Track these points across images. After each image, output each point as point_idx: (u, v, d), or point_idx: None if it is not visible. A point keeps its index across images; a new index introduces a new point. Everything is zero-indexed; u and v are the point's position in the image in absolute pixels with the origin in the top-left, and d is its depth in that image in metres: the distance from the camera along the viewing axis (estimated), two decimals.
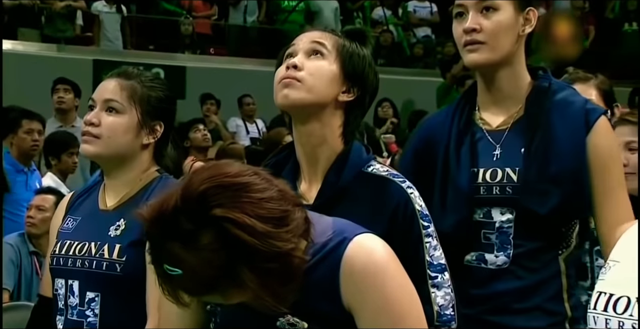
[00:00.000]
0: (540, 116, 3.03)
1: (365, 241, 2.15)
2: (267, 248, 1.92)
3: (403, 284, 2.16)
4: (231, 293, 2.00)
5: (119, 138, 2.95)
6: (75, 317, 2.90)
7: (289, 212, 2.01)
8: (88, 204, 3.08)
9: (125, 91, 2.97)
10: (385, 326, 2.11)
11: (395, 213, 2.55)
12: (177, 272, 1.93)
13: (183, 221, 1.92)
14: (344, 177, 2.61)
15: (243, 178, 1.99)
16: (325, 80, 2.60)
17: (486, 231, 3.02)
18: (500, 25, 2.98)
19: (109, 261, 2.87)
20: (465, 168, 3.04)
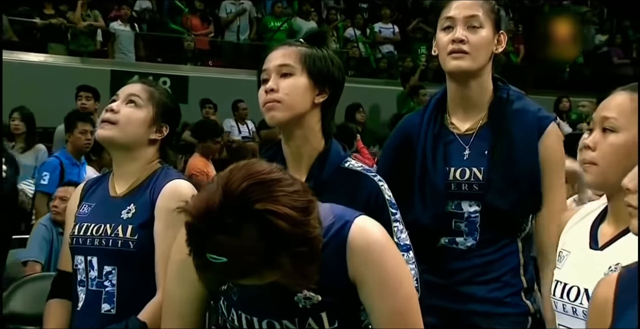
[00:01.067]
0: (501, 123, 2.97)
1: (365, 223, 2.10)
2: (301, 234, 1.86)
3: (397, 258, 2.12)
4: (267, 275, 1.91)
5: (132, 127, 2.87)
6: (94, 287, 2.80)
7: (312, 201, 1.94)
8: (100, 192, 2.96)
9: (146, 92, 2.92)
10: (386, 294, 2.05)
11: (368, 202, 2.51)
12: (221, 260, 1.84)
13: (227, 216, 1.83)
14: (325, 172, 2.54)
15: (275, 175, 1.91)
16: (300, 94, 2.52)
17: (457, 220, 2.97)
18: (482, 40, 2.93)
19: (123, 239, 2.78)
20: (440, 168, 2.97)
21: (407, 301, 2.07)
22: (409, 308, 2.07)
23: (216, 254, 1.84)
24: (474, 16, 2.92)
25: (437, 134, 3.00)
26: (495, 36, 2.98)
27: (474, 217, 2.95)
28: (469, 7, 2.94)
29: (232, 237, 1.82)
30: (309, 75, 2.52)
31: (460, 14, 2.92)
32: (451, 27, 2.93)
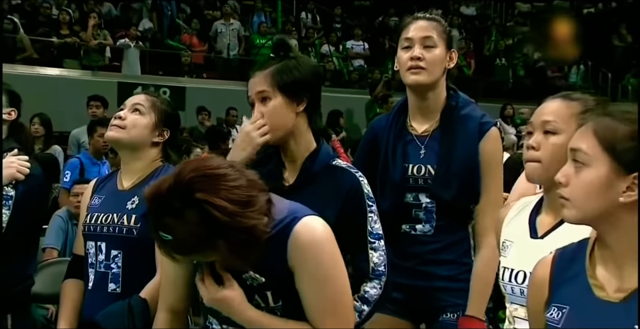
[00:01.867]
0: (448, 127, 2.99)
1: (310, 222, 2.03)
2: (235, 224, 1.85)
3: (334, 256, 2.04)
4: (209, 254, 1.93)
5: (136, 130, 2.86)
6: (102, 269, 2.79)
7: (255, 196, 1.92)
8: (109, 186, 2.94)
9: (149, 102, 2.91)
10: (317, 287, 2.01)
11: (348, 194, 2.47)
12: (169, 238, 1.87)
13: (173, 200, 1.85)
14: (315, 168, 2.51)
15: (221, 170, 1.91)
16: (280, 115, 2.46)
17: (416, 210, 2.98)
18: (436, 58, 2.94)
19: (127, 227, 2.77)
20: (399, 164, 2.98)
21: (336, 296, 2.02)
22: (337, 303, 2.03)
23: (164, 233, 1.86)
24: (428, 37, 2.95)
25: (399, 134, 3.02)
26: (448, 54, 3.00)
27: (430, 207, 2.96)
28: (424, 29, 2.96)
29: (177, 220, 1.84)
30: (282, 93, 2.45)
31: (417, 35, 2.95)
32: (409, 47, 2.96)
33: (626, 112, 1.70)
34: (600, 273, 1.72)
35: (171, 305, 2.20)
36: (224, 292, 1.98)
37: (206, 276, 2.00)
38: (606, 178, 1.66)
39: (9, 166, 2.96)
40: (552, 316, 1.73)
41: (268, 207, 1.97)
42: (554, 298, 1.76)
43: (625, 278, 1.67)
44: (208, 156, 2.09)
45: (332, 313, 2.01)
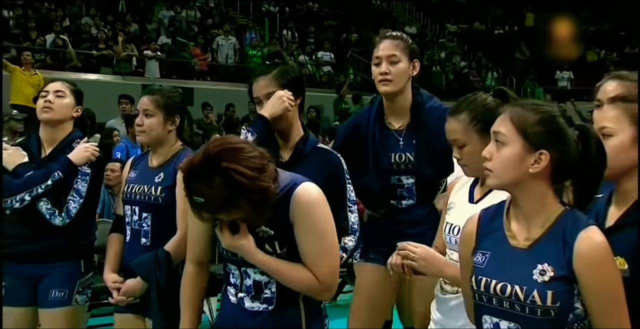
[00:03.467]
0: (420, 120, 2.91)
1: (307, 186, 1.97)
2: (254, 185, 1.81)
3: (326, 214, 1.99)
4: (232, 213, 1.87)
5: (154, 130, 2.79)
6: (136, 227, 2.75)
7: (266, 164, 1.87)
8: (143, 164, 2.87)
9: (152, 102, 2.79)
10: (309, 236, 1.95)
11: (333, 170, 2.44)
12: (201, 200, 1.82)
13: (204, 170, 1.80)
14: (306, 148, 2.47)
15: (239, 144, 1.87)
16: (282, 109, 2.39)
17: (400, 189, 2.94)
18: (400, 71, 2.86)
19: (154, 196, 2.73)
20: (386, 153, 2.92)
21: (325, 244, 1.97)
22: (326, 249, 1.97)
23: (197, 197, 1.82)
24: (393, 55, 2.87)
25: (380, 130, 2.96)
26: (411, 64, 2.90)
27: (410, 186, 2.93)
28: (390, 48, 2.89)
29: (207, 185, 1.80)
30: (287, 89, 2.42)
31: (384, 54, 2.88)
32: (379, 64, 2.89)
33: (533, 104, 1.72)
34: (514, 227, 1.72)
35: (197, 257, 2.13)
36: (242, 240, 1.94)
37: (224, 227, 1.96)
38: (519, 154, 1.66)
39: (85, 150, 2.93)
40: (478, 260, 1.73)
41: (275, 175, 1.92)
42: (479, 246, 1.76)
43: (531, 230, 1.69)
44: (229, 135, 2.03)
45: (322, 257, 1.96)
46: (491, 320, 1.68)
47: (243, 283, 2.02)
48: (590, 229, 1.62)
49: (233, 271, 2.04)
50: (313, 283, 1.95)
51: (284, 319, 1.99)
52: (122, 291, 2.72)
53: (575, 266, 1.59)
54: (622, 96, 1.83)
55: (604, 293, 1.59)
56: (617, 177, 1.79)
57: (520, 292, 1.61)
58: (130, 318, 2.76)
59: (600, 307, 1.59)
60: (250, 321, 1.99)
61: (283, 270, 1.95)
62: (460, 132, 2.12)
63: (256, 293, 2.00)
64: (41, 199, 2.85)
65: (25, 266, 2.91)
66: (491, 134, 1.72)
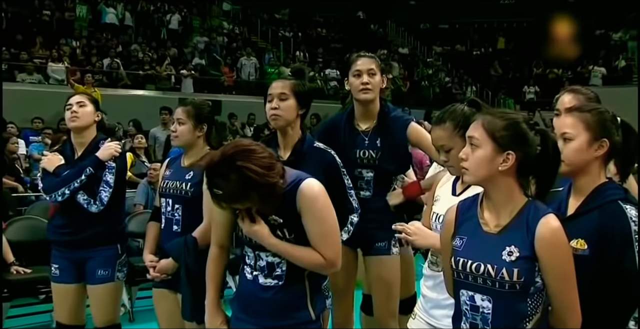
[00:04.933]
0: (385, 125, 2.87)
1: (311, 182, 1.95)
2: (263, 181, 1.82)
3: (326, 205, 1.97)
4: (245, 203, 1.88)
5: (184, 136, 2.76)
6: (169, 216, 2.72)
7: (274, 163, 1.88)
8: (176, 164, 2.82)
9: (184, 112, 2.76)
10: (314, 223, 1.94)
11: (329, 166, 2.45)
12: (219, 193, 1.83)
13: (221, 167, 1.81)
14: (304, 148, 2.46)
15: (252, 146, 1.86)
16: (290, 111, 2.43)
17: (360, 181, 2.87)
18: (377, 82, 2.82)
19: (185, 190, 2.69)
20: (352, 149, 2.86)
21: (328, 229, 1.97)
22: (329, 233, 1.97)
23: (216, 189, 1.83)
24: (372, 68, 2.84)
25: (350, 130, 2.90)
26: (382, 78, 2.88)
27: (369, 179, 2.88)
28: (368, 63, 2.85)
29: (223, 180, 1.82)
30: (297, 99, 2.44)
31: (364, 67, 2.84)
32: (359, 75, 2.83)
33: (501, 112, 1.71)
34: (486, 215, 1.72)
35: (220, 241, 2.14)
36: (256, 226, 1.94)
37: (244, 216, 1.96)
38: (490, 155, 1.65)
39: (109, 148, 2.98)
40: (457, 244, 1.73)
41: (283, 172, 1.92)
42: (458, 232, 1.75)
43: (500, 218, 1.68)
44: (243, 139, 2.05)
45: (325, 239, 1.95)
46: (467, 294, 1.68)
47: (257, 264, 2.02)
48: (549, 216, 1.62)
49: (249, 254, 2.05)
50: (320, 261, 1.95)
51: (292, 292, 1.99)
52: (157, 269, 2.72)
53: (536, 247, 1.60)
54: (576, 107, 1.87)
55: (558, 269, 1.60)
56: (575, 174, 1.81)
57: (492, 270, 1.62)
58: (165, 293, 2.77)
59: (555, 280, 1.61)
60: (264, 293, 1.99)
61: (293, 251, 1.95)
62: (446, 139, 2.10)
63: (269, 272, 2.00)
64: (78, 192, 2.92)
65: (74, 251, 3.02)
66: (466, 138, 1.71)
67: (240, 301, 2.07)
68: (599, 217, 1.72)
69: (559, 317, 1.64)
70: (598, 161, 1.79)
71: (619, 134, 1.80)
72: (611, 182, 1.80)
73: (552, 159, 1.67)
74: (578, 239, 1.67)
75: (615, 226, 1.69)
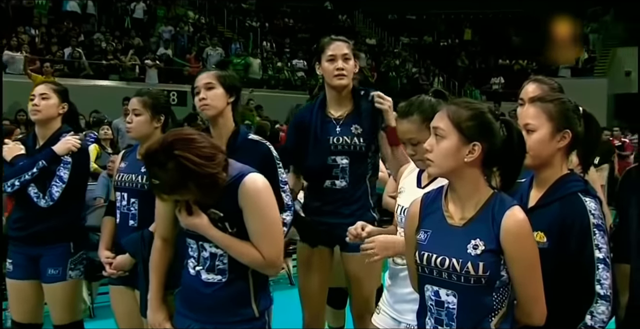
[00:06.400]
0: (358, 110, 2.77)
1: (254, 176, 1.88)
2: (202, 171, 1.76)
3: (268, 200, 1.89)
4: (184, 193, 1.82)
5: (141, 127, 2.67)
6: (125, 210, 2.65)
7: (215, 154, 1.82)
8: (132, 156, 2.73)
9: (140, 103, 2.67)
10: (255, 219, 1.86)
11: (264, 157, 2.39)
12: (157, 182, 1.78)
13: (159, 156, 1.76)
14: (238, 141, 2.42)
15: (191, 136, 1.81)
16: (219, 99, 2.41)
17: (335, 169, 2.77)
18: (351, 67, 2.73)
19: (141, 183, 2.61)
20: (325, 137, 2.78)
21: (269, 226, 1.89)
22: (270, 230, 1.90)
23: (154, 178, 1.79)
24: (346, 53, 2.76)
25: (322, 118, 2.82)
26: (356, 63, 2.79)
27: (344, 166, 2.78)
28: (343, 48, 2.77)
29: (161, 169, 1.77)
30: (223, 87, 2.43)
31: (339, 52, 2.75)
32: (334, 60, 2.74)
33: (466, 102, 1.67)
34: (451, 208, 1.68)
35: (164, 234, 2.08)
36: (194, 219, 1.88)
37: (182, 207, 1.89)
38: (456, 146, 1.61)
39: (67, 142, 2.86)
40: (421, 237, 1.68)
41: (225, 164, 1.86)
42: (422, 225, 1.71)
43: (465, 210, 1.65)
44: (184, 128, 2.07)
45: (266, 238, 1.88)
46: (432, 289, 1.64)
47: (200, 255, 1.94)
48: (514, 209, 1.60)
49: (192, 245, 1.97)
50: (259, 259, 1.88)
51: (235, 288, 1.92)
52: (114, 265, 2.65)
53: (501, 240, 1.57)
54: (539, 96, 1.84)
55: (524, 261, 1.58)
56: (537, 166, 1.78)
57: (457, 264, 1.58)
58: (121, 289, 2.69)
59: (520, 273, 1.58)
60: (207, 289, 1.92)
61: (233, 245, 1.88)
62: (414, 132, 2.03)
63: (211, 263, 1.92)
64: (30, 184, 2.81)
65: (27, 247, 2.91)
66: (431, 129, 1.66)
67: (183, 296, 2.01)
68: (559, 209, 1.70)
69: (524, 310, 1.62)
70: (560, 153, 1.77)
71: (582, 124, 1.79)
72: (572, 174, 1.79)
73: (517, 149, 1.64)
74: (537, 231, 1.65)
75: (575, 218, 1.67)
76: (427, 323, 1.66)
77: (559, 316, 1.63)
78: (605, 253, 1.65)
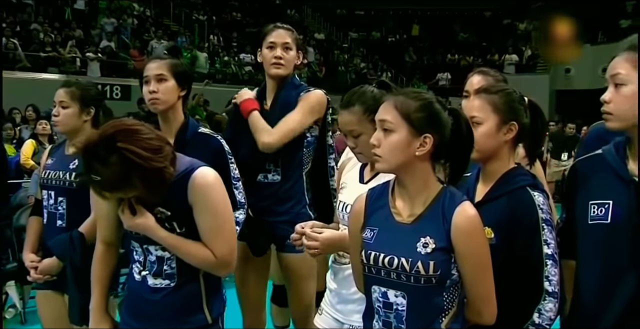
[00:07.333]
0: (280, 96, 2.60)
1: (205, 170, 1.74)
2: (148, 165, 1.62)
3: (220, 196, 1.76)
4: (128, 191, 1.67)
5: (69, 120, 2.54)
6: (52, 210, 2.53)
7: (162, 146, 1.68)
8: (60, 152, 2.62)
9: (68, 94, 2.53)
10: (207, 217, 1.74)
11: (215, 151, 2.27)
12: (97, 179, 1.62)
13: (100, 149, 1.61)
14: (187, 135, 2.29)
15: (135, 126, 1.66)
16: (171, 93, 2.27)
17: (268, 163, 2.63)
18: (291, 58, 2.60)
19: (69, 181, 2.50)
20: None
21: (222, 223, 1.77)
22: (222, 228, 1.77)
23: (94, 175, 1.62)
24: (287, 42, 2.63)
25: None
26: (298, 54, 2.67)
27: (277, 159, 2.63)
28: (284, 36, 2.64)
29: (102, 164, 1.60)
30: (175, 79, 2.27)
31: (279, 40, 2.62)
32: (273, 47, 2.62)
33: (413, 92, 1.58)
34: (399, 204, 1.59)
35: (106, 238, 1.91)
36: (139, 219, 1.73)
37: (124, 207, 1.74)
38: (406, 139, 1.53)
39: None
40: (367, 236, 1.59)
41: (173, 158, 1.71)
42: (368, 223, 1.62)
43: (414, 207, 1.57)
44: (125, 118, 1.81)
45: (218, 236, 1.75)
46: (380, 290, 1.56)
47: (147, 259, 1.80)
48: (465, 204, 1.53)
49: (137, 249, 1.82)
50: (210, 259, 1.75)
51: (185, 294, 1.79)
52: (40, 269, 2.50)
53: (452, 237, 1.50)
54: (484, 88, 1.80)
55: (475, 259, 1.52)
56: (484, 160, 1.74)
57: (406, 263, 1.50)
58: (49, 294, 2.55)
59: (472, 271, 1.53)
60: (154, 296, 1.78)
61: (182, 246, 1.74)
62: (355, 123, 1.92)
63: (158, 267, 1.79)
64: None
65: None
66: (377, 122, 1.57)
67: (128, 304, 1.86)
68: (507, 204, 1.65)
69: (474, 308, 1.56)
70: (507, 145, 1.73)
71: (528, 115, 1.74)
72: (520, 168, 1.75)
73: (466, 140, 1.58)
74: (485, 227, 1.58)
75: (524, 213, 1.63)
76: (374, 326, 1.58)
77: (507, 314, 1.58)
78: (553, 248, 1.61)
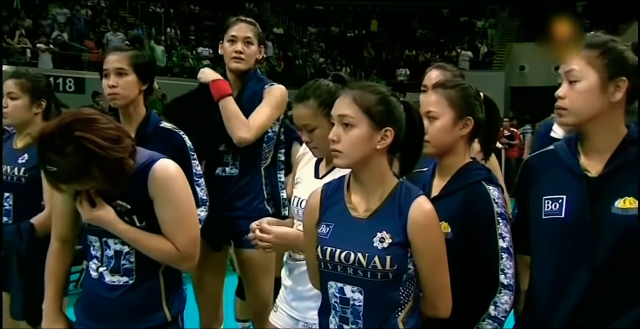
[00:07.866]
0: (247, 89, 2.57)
1: (165, 162, 1.71)
2: (107, 155, 1.58)
3: (182, 188, 1.73)
4: (85, 182, 1.63)
5: (18, 112, 2.46)
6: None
7: (121, 137, 1.64)
8: (7, 146, 2.50)
9: (17, 86, 2.46)
10: (168, 209, 1.70)
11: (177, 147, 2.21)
12: (53, 169, 1.58)
13: (56, 139, 1.56)
14: (148, 130, 2.24)
15: (94, 116, 1.62)
16: (131, 88, 2.20)
17: (226, 156, 2.59)
18: (252, 52, 2.58)
19: (17, 176, 2.42)
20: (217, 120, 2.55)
21: (184, 216, 1.72)
22: (184, 221, 1.72)
23: (50, 166, 1.58)
24: (248, 37, 2.60)
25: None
26: (259, 49, 2.64)
27: (235, 152, 2.60)
28: (246, 30, 2.61)
29: (58, 154, 1.56)
30: (136, 73, 2.19)
31: (240, 34, 2.59)
32: (234, 41, 2.59)
33: (369, 86, 1.58)
34: (354, 199, 1.59)
35: (62, 234, 1.85)
36: (98, 211, 1.68)
37: (83, 199, 1.69)
38: (367, 133, 1.52)
39: None
40: (322, 231, 1.59)
41: (133, 150, 1.67)
42: (323, 219, 1.61)
43: (370, 201, 1.57)
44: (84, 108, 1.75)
45: (180, 228, 1.71)
46: (336, 285, 1.55)
47: (104, 254, 1.75)
48: (421, 199, 1.54)
49: (94, 243, 1.77)
50: (172, 252, 1.70)
51: (144, 291, 1.74)
52: None
53: (408, 232, 1.51)
54: (442, 82, 1.80)
55: (431, 253, 1.53)
56: (440, 154, 1.75)
57: (363, 259, 1.50)
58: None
59: (428, 265, 1.54)
60: (111, 293, 1.73)
61: (143, 239, 1.70)
62: (310, 118, 1.89)
63: (116, 263, 1.73)
64: None
65: None
66: (335, 117, 1.55)
67: (84, 303, 1.80)
68: (463, 198, 1.67)
69: (430, 302, 1.58)
70: (463, 140, 1.74)
71: (483, 110, 1.76)
72: (475, 162, 1.76)
73: (418, 132, 1.59)
74: (442, 222, 1.60)
75: (479, 207, 1.64)
76: (330, 322, 1.57)
77: (463, 307, 1.59)
78: (508, 242, 1.62)
